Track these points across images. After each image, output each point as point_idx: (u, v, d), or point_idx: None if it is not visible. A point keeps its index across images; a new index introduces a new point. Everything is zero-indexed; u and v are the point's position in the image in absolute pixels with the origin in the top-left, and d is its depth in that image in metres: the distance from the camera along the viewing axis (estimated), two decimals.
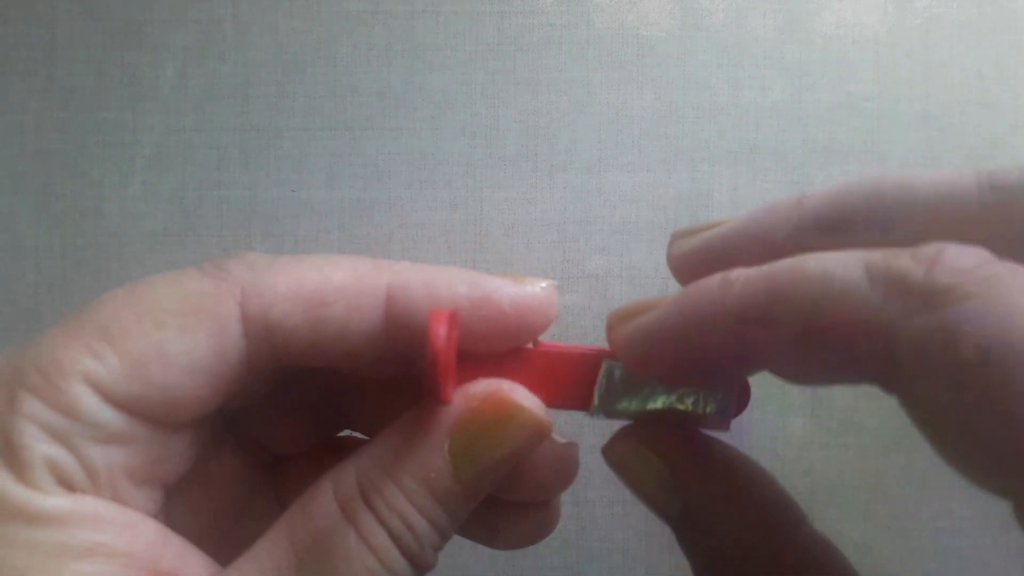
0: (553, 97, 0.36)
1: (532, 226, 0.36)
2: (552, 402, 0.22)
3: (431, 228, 0.36)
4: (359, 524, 0.20)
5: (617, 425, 0.23)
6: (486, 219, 0.36)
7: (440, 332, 0.19)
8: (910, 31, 0.37)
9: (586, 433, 0.36)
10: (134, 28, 0.36)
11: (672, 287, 0.24)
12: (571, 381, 0.22)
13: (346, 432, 0.28)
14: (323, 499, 0.20)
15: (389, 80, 0.36)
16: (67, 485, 0.19)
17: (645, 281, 0.36)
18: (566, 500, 0.36)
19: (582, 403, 0.23)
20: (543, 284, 0.22)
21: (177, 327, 0.20)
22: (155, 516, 0.22)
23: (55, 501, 0.19)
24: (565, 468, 0.24)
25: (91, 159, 0.36)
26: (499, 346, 0.22)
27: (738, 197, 0.36)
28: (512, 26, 0.36)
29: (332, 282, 0.21)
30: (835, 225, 0.20)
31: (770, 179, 0.36)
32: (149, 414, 0.20)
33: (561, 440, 0.24)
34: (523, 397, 0.21)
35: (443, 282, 0.21)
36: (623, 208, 0.36)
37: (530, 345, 0.22)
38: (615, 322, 0.21)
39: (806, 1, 0.37)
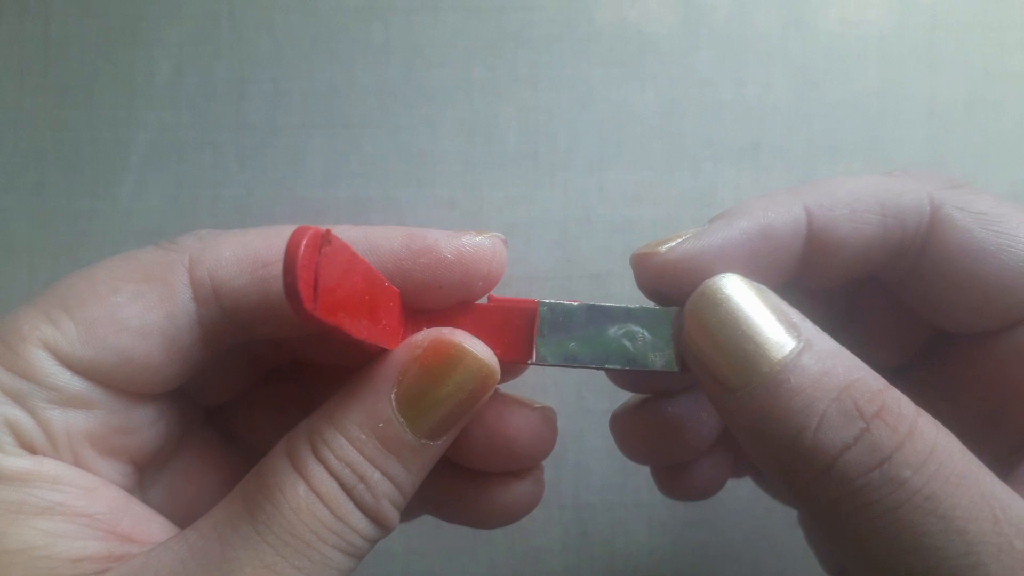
0: (554, 94, 0.36)
1: (532, 225, 0.36)
2: (510, 355, 0.22)
3: (430, 227, 0.36)
4: (308, 476, 0.20)
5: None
6: (486, 218, 0.36)
7: (301, 243, 0.16)
8: (915, 28, 0.36)
9: (587, 435, 0.35)
10: (129, 24, 0.36)
11: None
12: (526, 332, 0.22)
13: None
14: (275, 457, 0.21)
15: (387, 77, 0.36)
16: (28, 447, 0.20)
17: None
18: (567, 504, 0.35)
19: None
20: (487, 235, 0.22)
21: (129, 293, 0.21)
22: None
23: (14, 461, 0.20)
24: (543, 434, 0.23)
25: (85, 157, 0.36)
26: (447, 298, 0.22)
27: (741, 195, 0.36)
28: (512, 22, 0.36)
29: (274, 244, 0.21)
30: None
31: (774, 177, 0.36)
32: (106, 379, 0.21)
33: (537, 405, 0.24)
34: (467, 340, 0.21)
35: (382, 235, 0.22)
36: (625, 207, 0.36)
37: (484, 300, 0.22)
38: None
39: None
